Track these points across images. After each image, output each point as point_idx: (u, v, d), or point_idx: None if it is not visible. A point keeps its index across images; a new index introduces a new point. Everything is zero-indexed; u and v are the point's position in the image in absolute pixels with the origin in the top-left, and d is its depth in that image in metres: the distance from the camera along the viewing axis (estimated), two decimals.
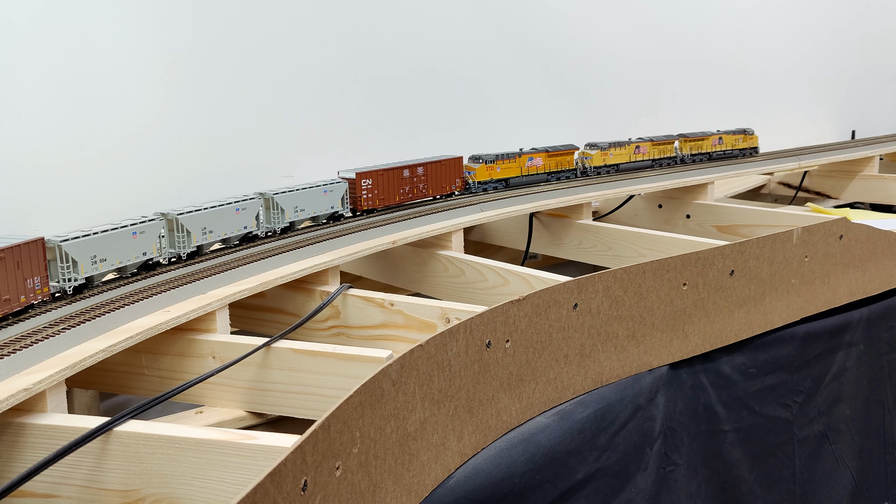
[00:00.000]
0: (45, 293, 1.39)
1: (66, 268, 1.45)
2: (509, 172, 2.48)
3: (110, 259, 1.53)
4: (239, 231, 1.82)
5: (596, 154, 2.71)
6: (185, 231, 1.69)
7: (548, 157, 2.57)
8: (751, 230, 2.47)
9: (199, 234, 1.72)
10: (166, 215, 1.68)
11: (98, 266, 1.51)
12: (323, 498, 0.95)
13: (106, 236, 1.52)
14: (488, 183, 2.43)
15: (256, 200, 1.86)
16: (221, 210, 1.77)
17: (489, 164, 2.43)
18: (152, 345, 1.44)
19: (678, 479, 1.69)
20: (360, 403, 1.04)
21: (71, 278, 1.46)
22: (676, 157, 2.94)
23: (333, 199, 2.03)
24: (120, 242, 1.55)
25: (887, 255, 2.16)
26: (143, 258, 1.61)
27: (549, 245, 2.48)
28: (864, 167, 3.27)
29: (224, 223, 1.78)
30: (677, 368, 1.72)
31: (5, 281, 1.28)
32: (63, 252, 1.44)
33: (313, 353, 1.38)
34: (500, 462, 1.34)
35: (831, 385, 2.02)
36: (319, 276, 1.76)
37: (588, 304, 1.53)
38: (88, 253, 1.48)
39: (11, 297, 1.30)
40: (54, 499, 1.13)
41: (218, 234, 1.77)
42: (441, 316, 1.61)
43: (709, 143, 3.03)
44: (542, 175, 2.56)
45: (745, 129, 3.19)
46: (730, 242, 1.79)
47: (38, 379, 1.15)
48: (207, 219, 1.74)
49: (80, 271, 1.47)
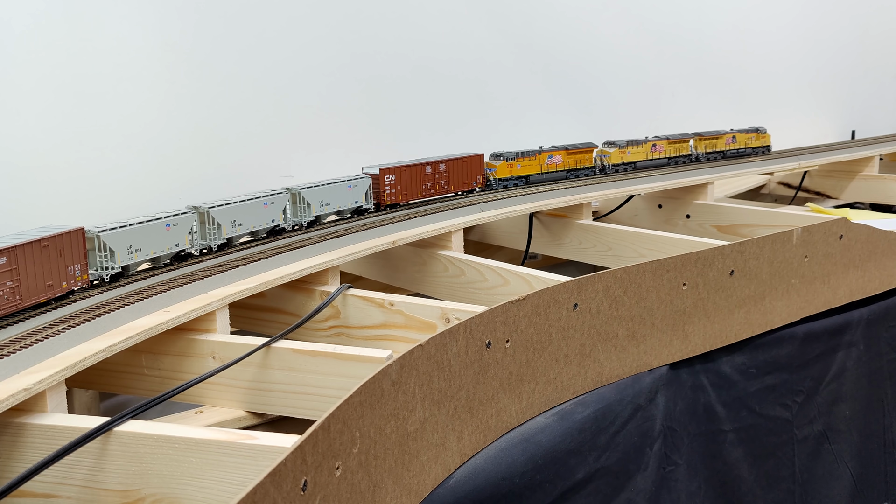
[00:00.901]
0: (85, 280, 1.48)
1: (103, 257, 1.53)
2: (529, 170, 2.52)
3: (145, 249, 1.61)
4: (267, 224, 1.89)
5: (614, 152, 2.75)
6: (215, 224, 1.77)
7: (567, 155, 2.62)
8: (751, 230, 2.47)
9: (229, 227, 1.79)
10: (198, 208, 1.75)
11: (133, 256, 1.59)
12: (323, 498, 0.95)
13: (141, 227, 1.60)
14: (509, 180, 2.47)
15: (284, 195, 1.93)
16: (250, 204, 1.84)
17: (510, 161, 2.47)
18: (152, 345, 1.44)
19: (678, 479, 1.69)
20: (360, 403, 1.04)
21: (108, 266, 1.54)
22: (692, 156, 2.98)
23: (357, 193, 2.09)
24: (154, 234, 1.63)
25: (887, 255, 2.16)
26: (176, 249, 1.69)
27: (549, 245, 2.48)
28: (864, 167, 3.27)
29: (253, 216, 1.85)
30: (677, 368, 1.72)
31: (49, 267, 1.38)
32: (101, 242, 1.52)
33: (313, 353, 1.38)
34: (500, 462, 1.34)
35: (831, 385, 2.02)
36: (319, 276, 1.76)
37: (588, 304, 1.53)
38: (125, 243, 1.57)
39: (54, 282, 1.40)
40: (54, 499, 1.13)
41: (247, 227, 1.84)
42: (441, 316, 1.61)
43: (722, 141, 3.08)
44: (561, 172, 2.61)
45: (758, 127, 3.24)
46: (730, 242, 1.79)
47: (38, 379, 1.15)
48: (237, 212, 1.81)
49: (116, 260, 1.55)
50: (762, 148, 3.22)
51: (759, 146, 3.21)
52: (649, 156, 2.84)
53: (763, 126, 3.27)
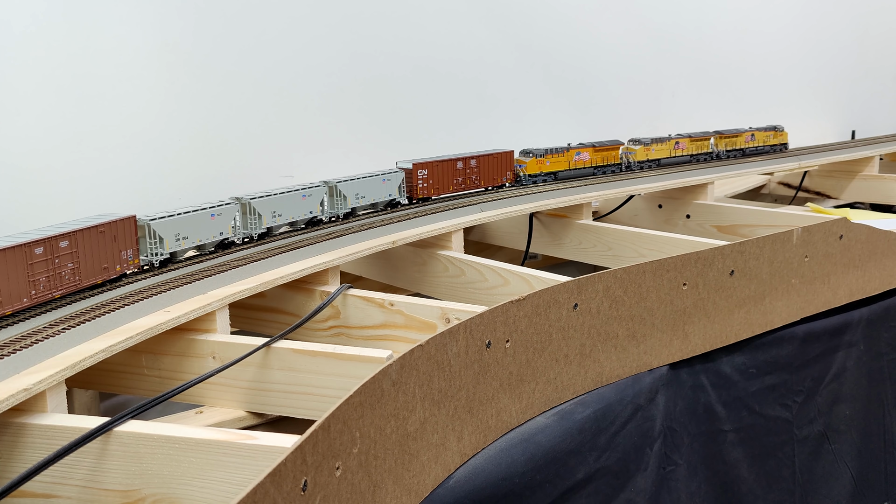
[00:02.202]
0: (136, 264, 1.59)
1: (153, 243, 1.63)
2: (558, 166, 2.58)
3: (191, 237, 1.70)
4: (305, 216, 1.97)
5: (639, 149, 2.80)
6: (256, 214, 1.85)
7: (594, 152, 2.67)
8: (751, 230, 2.47)
9: (270, 217, 1.87)
10: (240, 199, 1.84)
11: (181, 243, 1.68)
12: (323, 498, 0.95)
13: (188, 217, 1.69)
14: (538, 176, 2.53)
15: (321, 188, 2.01)
16: (289, 196, 1.92)
17: (539, 157, 2.53)
18: (152, 345, 1.44)
19: (678, 479, 1.69)
20: (360, 403, 1.04)
21: (157, 253, 1.64)
22: (712, 153, 3.04)
23: (391, 187, 2.17)
24: (200, 223, 1.72)
25: (887, 255, 2.16)
26: (220, 237, 1.77)
27: (549, 245, 2.48)
28: (864, 167, 3.27)
29: (292, 208, 1.93)
30: (677, 368, 1.72)
31: (105, 252, 1.50)
32: (151, 229, 1.62)
33: (313, 353, 1.38)
34: (500, 462, 1.34)
35: (831, 385, 2.02)
36: (319, 276, 1.76)
37: (588, 304, 1.53)
38: (173, 231, 1.66)
39: (109, 265, 1.52)
40: (54, 499, 1.13)
41: (286, 218, 1.92)
42: (441, 316, 1.61)
43: (742, 139, 3.13)
44: (588, 169, 2.66)
45: (776, 125, 3.29)
46: (730, 242, 1.79)
47: (38, 379, 1.15)
48: (277, 203, 1.89)
49: (165, 247, 1.64)
50: (780, 145, 3.28)
51: (777, 144, 3.27)
52: (672, 153, 2.90)
53: (780, 124, 3.34)
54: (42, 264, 1.36)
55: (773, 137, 3.25)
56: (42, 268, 1.36)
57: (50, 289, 1.39)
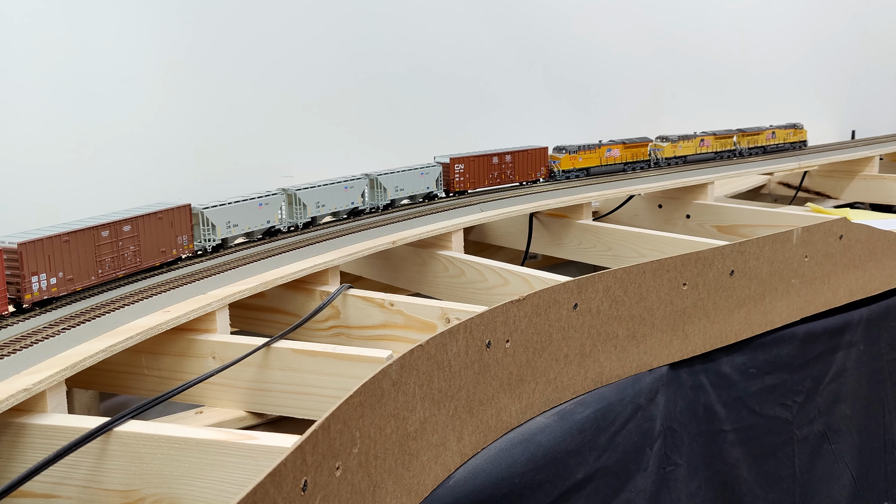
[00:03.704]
0: (191, 249, 1.70)
1: (206, 230, 1.74)
2: (590, 162, 2.65)
3: (241, 225, 1.80)
4: (347, 206, 2.06)
5: (667, 146, 2.87)
6: (301, 204, 1.95)
7: (624, 149, 2.75)
8: (751, 230, 2.47)
9: (314, 207, 1.97)
10: (286, 190, 1.93)
11: (231, 230, 1.78)
12: (323, 498, 0.95)
13: (238, 206, 1.79)
14: (571, 171, 2.61)
15: (362, 180, 2.10)
16: (332, 187, 2.01)
17: (572, 154, 2.61)
18: (152, 345, 1.43)
19: (678, 479, 1.69)
20: (360, 403, 1.04)
21: (210, 239, 1.74)
22: (735, 151, 3.11)
23: (429, 180, 2.26)
24: (249, 211, 1.82)
25: (887, 255, 2.16)
26: (267, 225, 1.87)
27: (549, 245, 2.48)
28: (864, 167, 3.27)
29: (334, 199, 2.03)
30: (677, 368, 1.72)
31: (163, 236, 1.62)
32: (205, 217, 1.73)
33: (313, 353, 1.38)
34: (500, 462, 1.34)
35: (831, 385, 2.02)
36: (319, 276, 1.76)
37: (588, 304, 1.53)
38: (224, 219, 1.76)
39: (167, 249, 1.63)
40: (54, 499, 1.13)
41: (329, 208, 2.02)
42: (441, 316, 1.61)
43: (763, 137, 3.21)
44: (618, 165, 2.74)
45: (795, 123, 3.37)
46: (730, 242, 1.79)
47: (38, 379, 1.15)
48: (320, 194, 1.98)
49: (217, 234, 1.75)
50: (799, 143, 3.36)
51: (797, 141, 3.35)
52: (698, 150, 2.97)
53: (800, 122, 3.40)
54: (107, 246, 1.49)
55: (794, 135, 3.33)
56: (107, 249, 1.50)
57: (114, 269, 1.52)
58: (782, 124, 3.32)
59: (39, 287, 1.36)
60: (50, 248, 1.37)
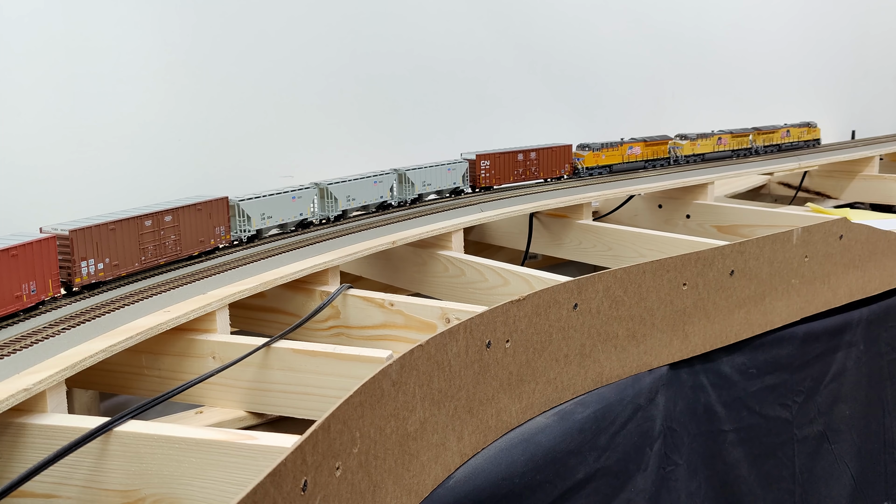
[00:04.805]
0: (227, 238, 1.78)
1: (242, 221, 1.81)
2: (612, 159, 2.71)
3: (275, 217, 1.88)
4: (376, 200, 2.13)
5: (686, 144, 2.92)
6: (332, 198, 2.01)
7: (645, 147, 2.81)
8: (751, 230, 2.47)
9: (345, 201, 2.04)
10: (318, 184, 2.00)
11: (266, 222, 1.85)
12: (323, 498, 0.95)
13: (272, 198, 1.87)
14: (594, 168, 2.67)
15: (391, 175, 2.17)
16: (362, 182, 2.08)
17: (596, 151, 2.66)
18: (152, 345, 1.43)
19: (678, 479, 1.69)
20: (360, 403, 1.04)
21: (246, 230, 1.82)
22: (751, 149, 3.16)
23: (456, 176, 2.33)
24: (282, 204, 1.90)
25: (887, 255, 2.16)
26: (300, 218, 1.95)
27: (549, 245, 2.48)
28: (864, 167, 3.27)
29: (364, 193, 2.09)
30: (677, 368, 1.72)
31: (201, 227, 1.71)
32: (241, 209, 1.80)
33: (313, 354, 1.38)
34: (500, 462, 1.34)
35: (831, 385, 2.02)
36: (319, 276, 1.76)
37: (588, 304, 1.53)
38: (259, 211, 1.84)
39: (205, 239, 1.72)
40: (54, 499, 1.13)
41: (359, 202, 2.08)
42: (441, 316, 1.61)
43: (778, 135, 3.27)
44: (640, 162, 2.80)
45: (809, 122, 3.43)
46: (730, 242, 1.79)
47: (38, 379, 1.15)
48: (351, 188, 2.05)
49: (252, 225, 1.83)
50: (813, 141, 3.41)
51: (811, 139, 3.41)
52: (716, 148, 3.02)
53: (814, 120, 3.46)
54: (150, 235, 1.59)
55: (808, 133, 3.38)
56: (150, 238, 1.59)
57: (156, 256, 1.61)
58: (796, 123, 3.38)
59: (88, 272, 1.46)
60: (98, 235, 1.47)
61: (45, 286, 1.37)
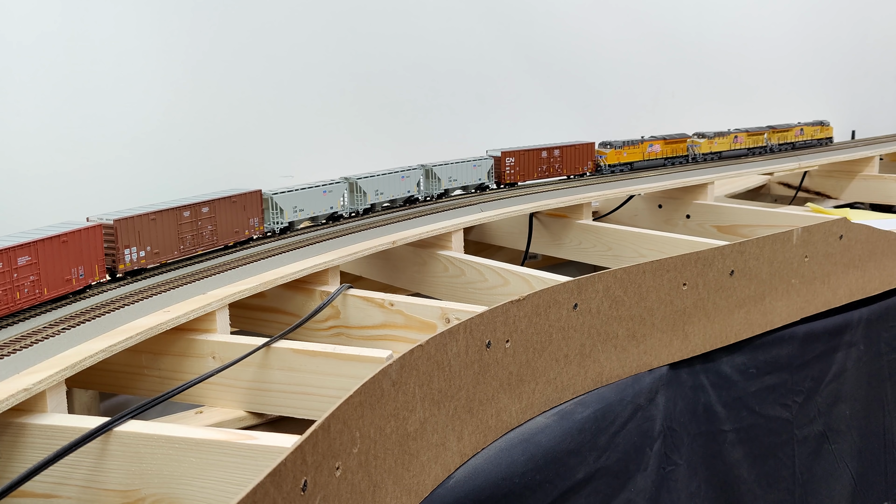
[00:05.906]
0: (261, 230, 1.87)
1: (275, 214, 1.89)
2: (634, 157, 2.77)
3: (307, 210, 1.95)
4: (403, 195, 2.21)
5: (704, 142, 2.98)
6: (361, 192, 2.09)
7: (665, 144, 2.87)
8: (751, 230, 2.47)
9: (373, 195, 2.11)
10: (348, 179, 2.08)
11: (298, 214, 1.93)
12: (323, 498, 0.95)
13: (304, 192, 1.94)
14: (616, 166, 2.73)
15: (418, 170, 2.24)
16: (390, 177, 2.16)
17: (617, 149, 2.72)
18: (152, 345, 1.43)
19: (678, 479, 1.69)
20: (360, 403, 1.04)
21: (279, 222, 1.90)
22: (766, 147, 3.23)
23: (481, 172, 2.40)
24: (314, 198, 1.97)
25: (887, 255, 2.16)
26: (330, 211, 2.02)
27: (549, 245, 2.48)
28: (864, 167, 3.27)
29: (392, 187, 2.16)
30: (677, 368, 1.72)
31: (236, 218, 1.80)
32: (274, 202, 1.89)
33: (313, 354, 1.38)
34: (500, 462, 1.34)
35: (831, 385, 2.02)
36: (319, 276, 1.76)
37: (588, 304, 1.53)
38: (291, 204, 1.91)
39: (240, 230, 1.81)
40: (54, 499, 1.13)
41: (387, 196, 2.16)
42: (441, 316, 1.61)
43: (792, 133, 3.33)
44: (659, 160, 2.86)
45: (822, 120, 3.49)
46: (730, 242, 1.79)
47: (38, 379, 1.15)
48: (379, 183, 2.12)
49: (285, 217, 1.90)
50: (826, 139, 3.47)
51: (823, 137, 3.47)
52: (732, 146, 3.08)
53: (826, 119, 3.51)
54: (188, 225, 1.68)
55: (821, 132, 3.44)
56: (188, 228, 1.68)
57: (194, 246, 1.70)
58: (809, 121, 3.43)
59: (131, 258, 1.57)
60: (140, 225, 1.57)
61: (91, 271, 1.47)
